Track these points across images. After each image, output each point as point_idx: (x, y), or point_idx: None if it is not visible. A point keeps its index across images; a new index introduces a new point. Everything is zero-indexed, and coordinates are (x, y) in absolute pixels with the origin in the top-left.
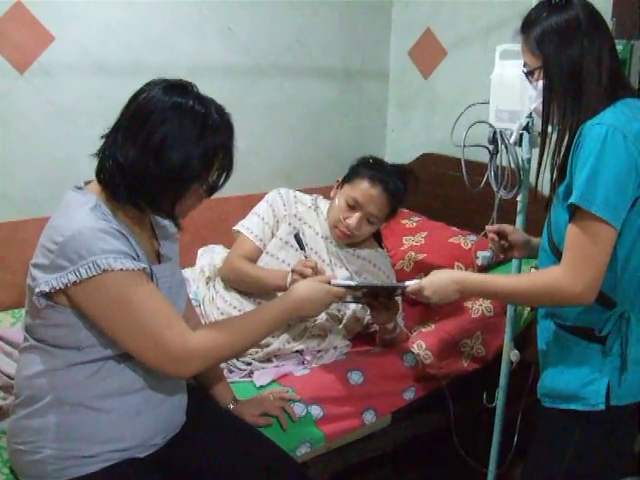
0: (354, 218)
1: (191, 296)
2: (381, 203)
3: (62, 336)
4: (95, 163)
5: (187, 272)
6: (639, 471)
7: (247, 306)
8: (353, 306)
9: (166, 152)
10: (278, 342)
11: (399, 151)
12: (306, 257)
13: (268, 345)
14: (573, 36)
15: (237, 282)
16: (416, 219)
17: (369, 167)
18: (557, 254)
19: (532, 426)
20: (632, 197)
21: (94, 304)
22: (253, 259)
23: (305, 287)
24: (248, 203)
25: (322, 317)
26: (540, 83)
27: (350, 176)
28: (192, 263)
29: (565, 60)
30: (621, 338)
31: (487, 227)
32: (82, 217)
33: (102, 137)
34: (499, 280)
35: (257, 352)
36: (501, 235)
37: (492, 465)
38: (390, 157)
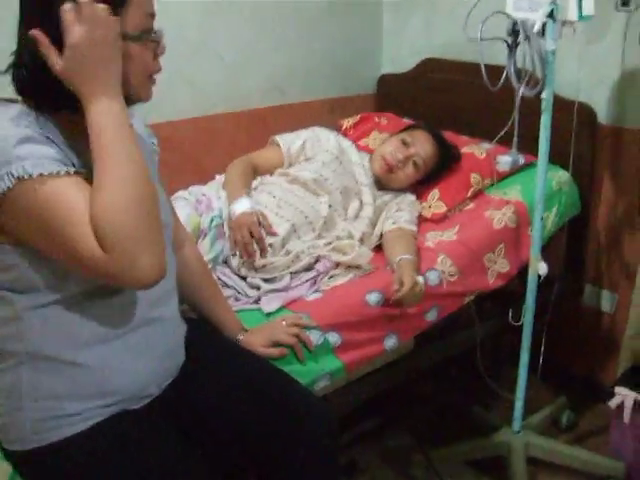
0: (404, 152)
1: (216, 213)
2: (430, 149)
3: (15, 280)
4: None
5: (180, 193)
6: None
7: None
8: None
9: None
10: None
11: (397, 58)
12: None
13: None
14: None
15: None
16: None
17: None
18: None
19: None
20: None
21: (19, 224)
22: (268, 165)
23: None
24: (239, 121)
25: (356, 233)
26: None
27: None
28: (184, 185)
29: None
30: None
31: None
32: None
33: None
34: None
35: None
36: None
37: (520, 388)
38: (388, 65)
